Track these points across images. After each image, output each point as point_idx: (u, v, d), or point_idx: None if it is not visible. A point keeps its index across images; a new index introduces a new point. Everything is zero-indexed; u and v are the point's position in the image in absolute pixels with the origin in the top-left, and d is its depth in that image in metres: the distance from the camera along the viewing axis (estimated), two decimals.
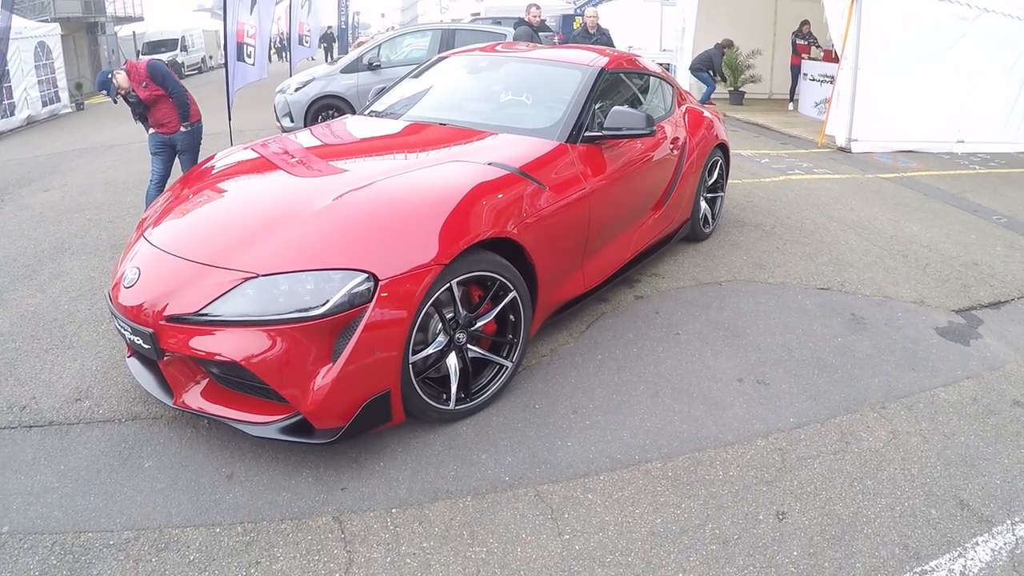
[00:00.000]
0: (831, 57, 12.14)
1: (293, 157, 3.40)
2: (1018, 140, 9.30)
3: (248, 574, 2.08)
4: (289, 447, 2.63)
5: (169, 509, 2.34)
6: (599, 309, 3.88)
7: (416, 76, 4.38)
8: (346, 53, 14.53)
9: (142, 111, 5.18)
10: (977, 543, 2.29)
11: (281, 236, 2.50)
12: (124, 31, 24.56)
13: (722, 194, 5.30)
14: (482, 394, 2.84)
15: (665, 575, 2.10)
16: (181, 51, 25.90)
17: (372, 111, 4.13)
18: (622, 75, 4.09)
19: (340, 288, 2.29)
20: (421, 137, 3.55)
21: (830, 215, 5.94)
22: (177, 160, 5.47)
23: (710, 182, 5.01)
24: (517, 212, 2.84)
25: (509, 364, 2.93)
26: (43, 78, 14.67)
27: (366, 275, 2.32)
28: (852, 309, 4.02)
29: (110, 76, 5.01)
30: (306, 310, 2.27)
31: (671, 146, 4.27)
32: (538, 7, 8.40)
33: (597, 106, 3.64)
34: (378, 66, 8.65)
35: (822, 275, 4.51)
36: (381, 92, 4.38)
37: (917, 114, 8.67)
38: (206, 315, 2.34)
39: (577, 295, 3.42)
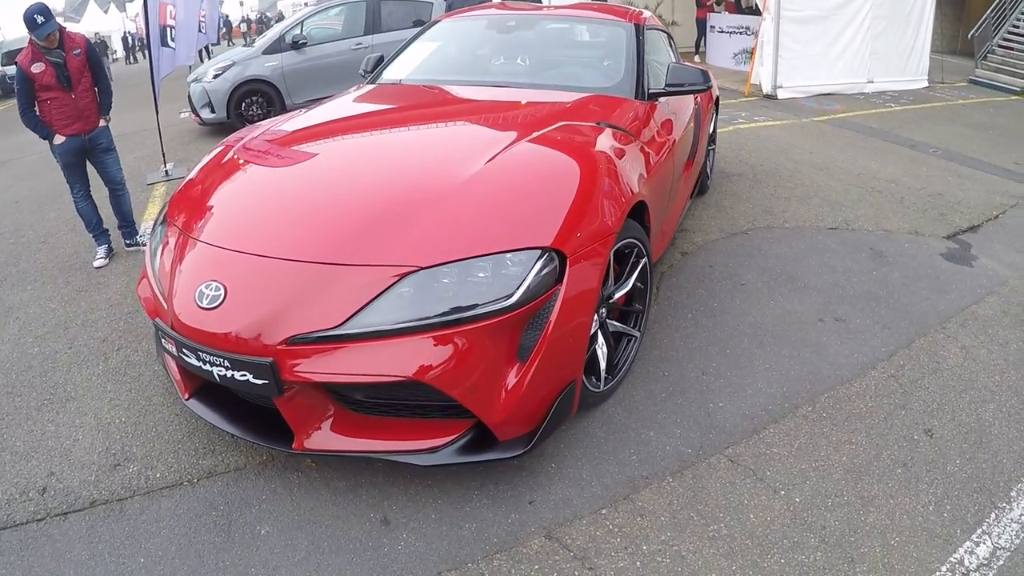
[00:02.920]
0: (733, 9, 12.62)
1: (353, 130, 2.88)
2: (917, 78, 10.48)
3: None
4: (427, 471, 2.21)
5: None
6: (657, 270, 3.75)
7: (423, 40, 3.88)
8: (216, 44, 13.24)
9: (57, 90, 3.96)
10: None
11: (430, 217, 2.02)
12: None
13: (714, 147, 5.31)
14: (621, 368, 2.59)
15: (880, 506, 2.18)
16: None
17: (392, 80, 3.59)
18: (647, 31, 3.90)
19: (527, 271, 1.89)
20: (494, 101, 3.11)
21: (795, 159, 6.16)
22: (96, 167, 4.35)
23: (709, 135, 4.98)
24: (640, 171, 2.59)
25: (638, 334, 2.70)
26: None
27: (550, 252, 1.94)
28: (868, 244, 4.24)
29: (38, 19, 3.78)
30: (493, 302, 1.85)
31: (695, 102, 4.16)
32: None
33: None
34: (303, 44, 7.81)
35: (824, 215, 4.70)
36: (381, 61, 3.86)
37: (833, 60, 9.40)
38: (356, 327, 1.84)
39: (663, 253, 3.26)
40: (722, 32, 11.88)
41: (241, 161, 2.63)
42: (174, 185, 5.73)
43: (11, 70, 16.77)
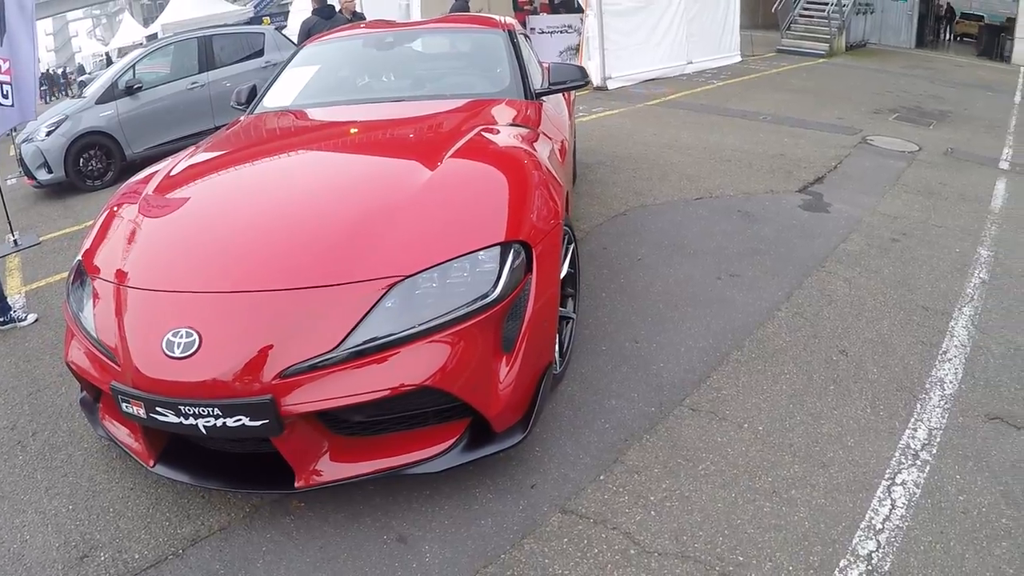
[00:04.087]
0: (548, 9, 13.24)
1: (280, 150, 2.86)
2: (731, 54, 11.93)
3: None
4: (421, 482, 2.25)
5: None
6: None
7: (296, 66, 3.79)
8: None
9: None
10: (949, 328, 3.23)
11: (394, 228, 2.06)
12: None
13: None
14: (567, 350, 2.75)
15: (828, 417, 2.56)
16: None
17: (280, 107, 3.47)
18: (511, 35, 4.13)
19: (501, 266, 2.01)
20: (400, 113, 3.16)
21: (643, 142, 6.67)
22: None
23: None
24: (558, 165, 2.80)
25: (574, 316, 2.88)
26: None
27: (518, 244, 2.07)
28: (734, 207, 4.76)
29: None
30: (477, 300, 1.95)
31: (563, 97, 4.44)
32: None
33: None
34: (138, 88, 7.22)
35: (687, 189, 5.18)
36: (255, 91, 3.68)
37: (655, 46, 10.32)
38: (353, 346, 1.86)
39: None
40: (543, 33, 12.39)
41: (154, 207, 2.48)
42: (29, 255, 5.14)
43: None
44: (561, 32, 11.65)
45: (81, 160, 7.02)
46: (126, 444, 2.24)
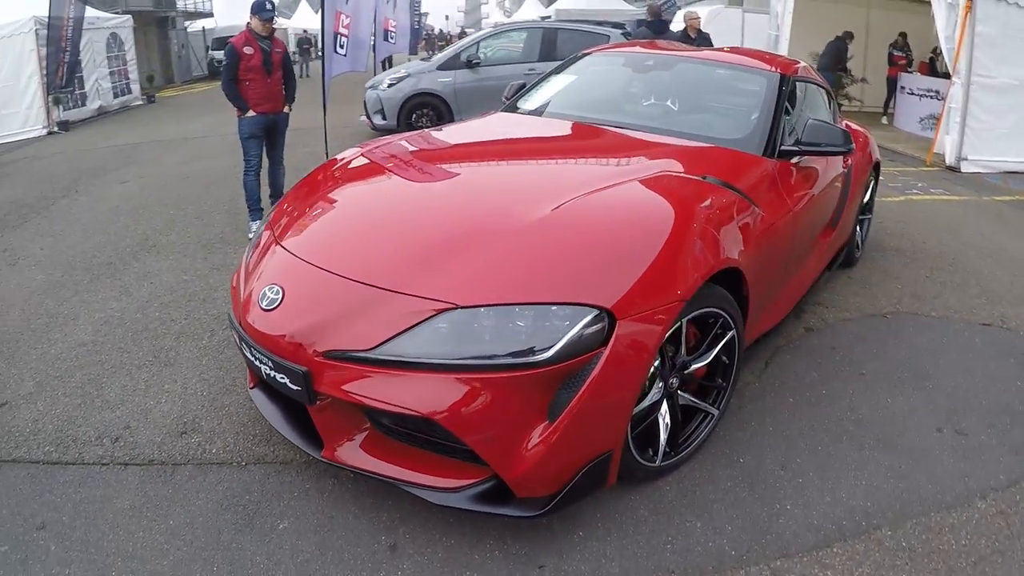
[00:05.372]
0: (925, 70, 11.45)
1: (457, 156, 2.95)
2: None
3: None
4: (453, 508, 2.13)
5: None
6: (773, 343, 3.41)
7: (565, 72, 3.88)
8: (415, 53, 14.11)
9: (258, 73, 4.73)
10: None
11: (483, 256, 1.99)
12: (194, 26, 24.28)
13: (870, 216, 4.84)
14: (687, 446, 2.37)
15: None
16: None
17: (523, 109, 3.63)
18: (796, 83, 3.60)
19: (570, 328, 1.78)
20: (602, 140, 3.05)
21: (963, 241, 5.42)
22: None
23: (863, 203, 4.51)
24: (739, 236, 2.36)
25: (716, 412, 2.46)
26: (115, 69, 14.47)
27: (600, 311, 1.82)
28: (1021, 349, 3.58)
29: (267, 5, 4.64)
30: (526, 354, 1.76)
31: (842, 165, 3.77)
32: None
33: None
34: (477, 64, 8.13)
35: (979, 309, 4.06)
36: (523, 88, 3.90)
37: None
38: (386, 354, 1.84)
39: (771, 327, 2.97)
40: (912, 94, 10.73)
41: (340, 175, 2.77)
42: None
43: (219, 54, 19.04)
44: (930, 96, 9.99)
45: (413, 115, 8.07)
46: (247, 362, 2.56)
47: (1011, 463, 2.61)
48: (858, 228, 4.49)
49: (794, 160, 3.02)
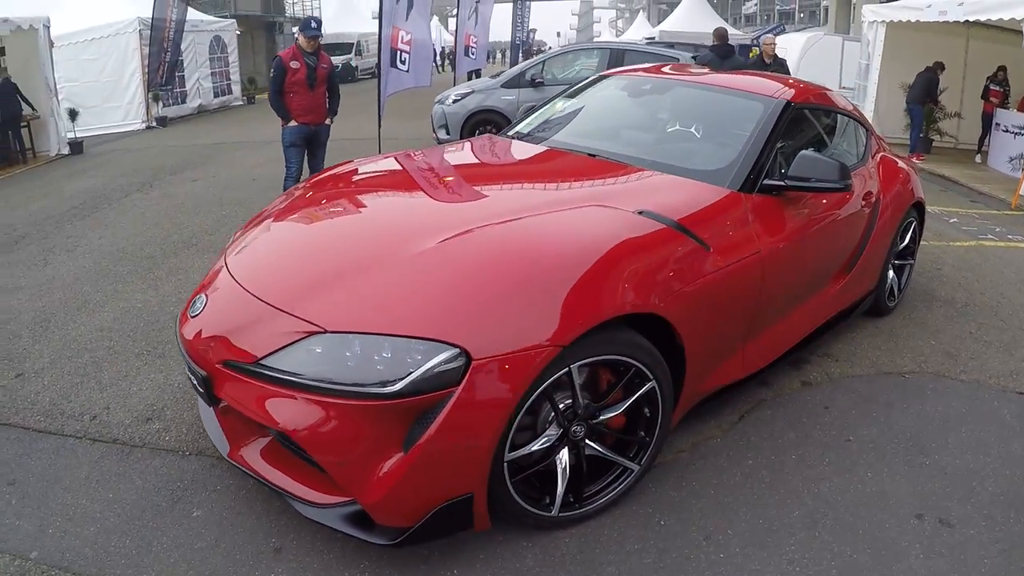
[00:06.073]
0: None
1: (407, 181, 3.04)
2: None
3: None
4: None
5: None
6: (758, 394, 3.17)
7: (571, 96, 3.87)
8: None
9: (302, 86, 5.08)
10: None
11: (368, 283, 2.05)
12: None
13: (912, 261, 4.39)
14: (595, 500, 2.26)
15: None
16: (355, 55, 26.47)
17: (516, 132, 3.65)
18: (808, 111, 3.37)
19: (421, 364, 1.79)
20: (558, 167, 3.03)
21: None
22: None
23: (900, 247, 4.15)
24: (668, 280, 2.23)
25: (636, 467, 2.32)
26: (217, 70, 15.76)
27: (457, 351, 1.80)
28: None
29: (313, 24, 5.13)
30: (374, 385, 1.80)
31: (862, 202, 3.48)
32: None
33: (779, 146, 2.96)
34: (541, 83, 8.26)
35: (1022, 375, 3.54)
36: (531, 111, 3.93)
37: None
38: (263, 367, 1.94)
39: (733, 381, 2.76)
40: (1007, 131, 9.73)
41: (293, 198, 2.91)
42: None
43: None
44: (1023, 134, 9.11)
45: (476, 131, 8.25)
46: None
47: (997, 567, 2.21)
48: (894, 274, 4.14)
49: (785, 195, 2.82)
